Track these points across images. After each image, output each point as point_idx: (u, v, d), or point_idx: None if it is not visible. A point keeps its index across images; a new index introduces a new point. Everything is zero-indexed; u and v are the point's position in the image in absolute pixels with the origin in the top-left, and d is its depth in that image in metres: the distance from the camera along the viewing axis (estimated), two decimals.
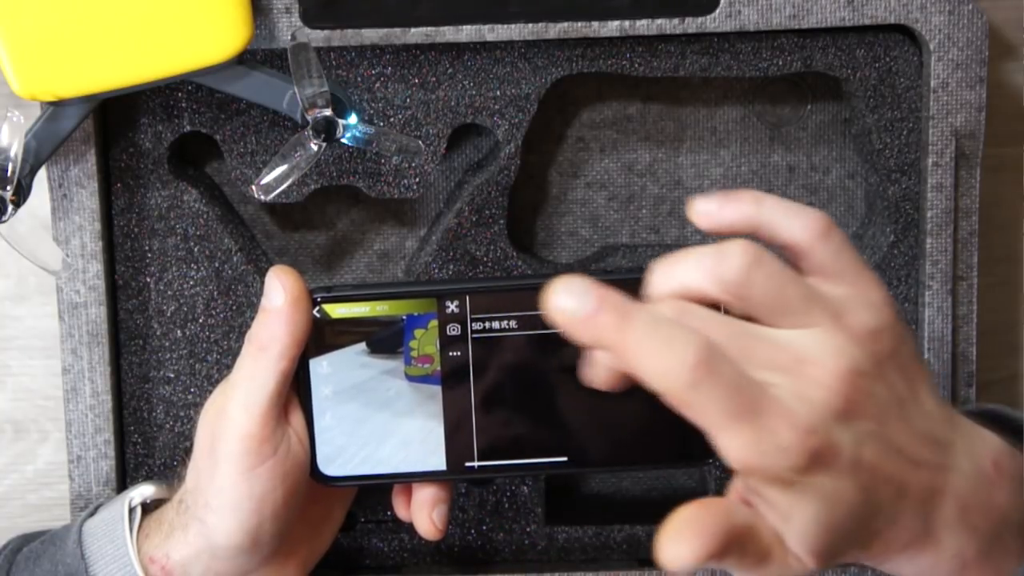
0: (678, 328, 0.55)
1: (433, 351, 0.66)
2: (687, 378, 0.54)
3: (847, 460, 0.56)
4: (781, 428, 0.54)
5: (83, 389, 0.81)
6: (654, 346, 0.55)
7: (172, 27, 0.72)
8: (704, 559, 0.55)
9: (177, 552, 0.69)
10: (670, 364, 0.54)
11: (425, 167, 0.81)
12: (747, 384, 0.55)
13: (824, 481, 0.56)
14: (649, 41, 0.80)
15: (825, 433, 0.55)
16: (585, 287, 0.55)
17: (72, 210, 0.79)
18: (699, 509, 0.56)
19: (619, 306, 0.55)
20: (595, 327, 0.55)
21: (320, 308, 0.67)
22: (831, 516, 0.56)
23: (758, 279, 0.57)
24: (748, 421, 0.54)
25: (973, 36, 0.78)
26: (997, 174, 0.84)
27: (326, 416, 0.67)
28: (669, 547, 0.55)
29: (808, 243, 0.59)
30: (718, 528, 0.56)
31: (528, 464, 0.67)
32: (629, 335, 0.55)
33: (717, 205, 0.60)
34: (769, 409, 0.55)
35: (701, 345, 0.54)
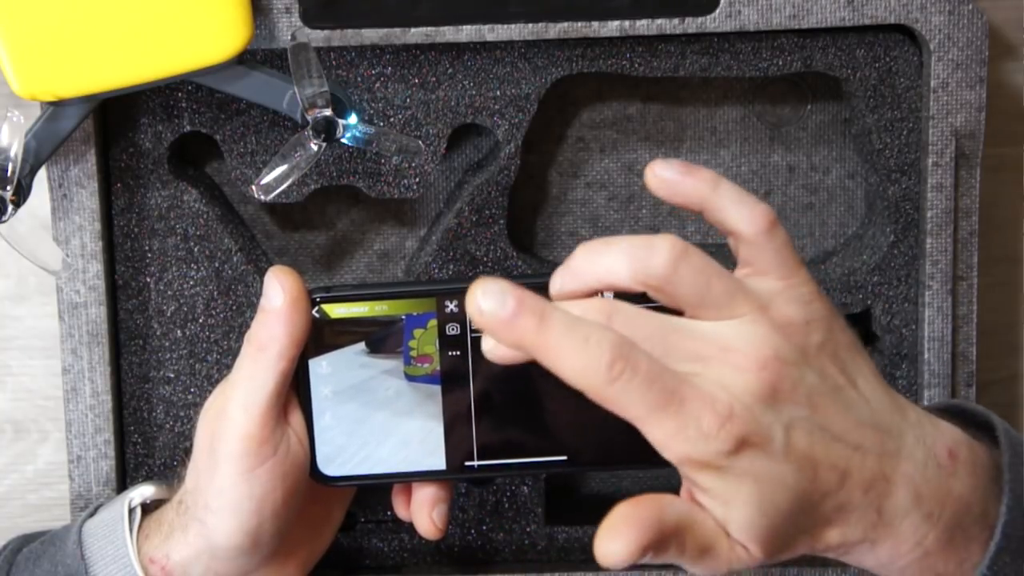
0: (594, 327, 0.56)
1: (432, 351, 0.66)
2: (604, 375, 0.56)
3: (778, 444, 0.57)
4: (703, 414, 0.56)
5: (83, 389, 0.81)
6: (571, 346, 0.56)
7: (172, 27, 0.72)
8: (637, 554, 0.57)
9: (177, 552, 0.69)
10: (587, 363, 0.56)
11: (425, 167, 0.81)
12: (665, 375, 0.56)
13: (757, 465, 0.57)
14: (649, 41, 0.80)
15: (749, 416, 0.56)
16: (503, 289, 0.57)
17: (72, 210, 0.79)
18: (632, 506, 0.58)
19: (537, 308, 0.57)
20: (514, 330, 0.57)
21: (319, 308, 0.67)
22: (769, 502, 0.58)
23: (684, 273, 0.58)
24: (669, 411, 0.56)
25: (973, 36, 0.78)
26: (997, 174, 0.84)
27: (326, 416, 0.67)
28: (602, 543, 0.57)
29: (751, 236, 0.61)
30: (650, 522, 0.57)
31: (527, 463, 0.67)
32: (547, 337, 0.56)
33: (678, 175, 0.61)
34: (690, 397, 0.56)
35: (615, 342, 0.56)
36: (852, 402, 0.60)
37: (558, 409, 0.66)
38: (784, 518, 0.58)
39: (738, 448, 0.56)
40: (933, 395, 0.81)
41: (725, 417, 0.56)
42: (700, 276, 0.58)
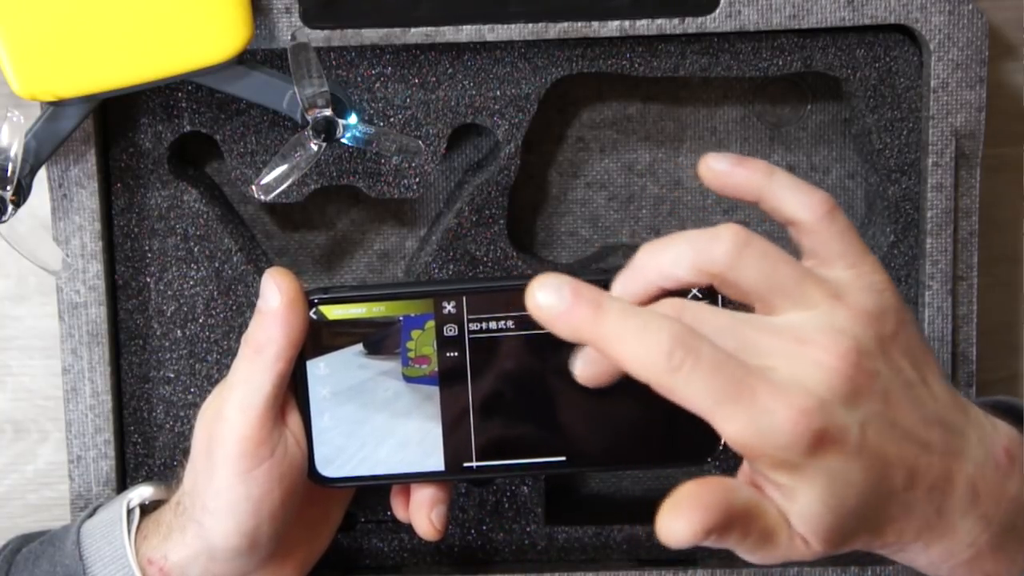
0: (652, 315, 0.56)
1: (430, 352, 0.66)
2: (665, 363, 0.54)
3: (853, 442, 0.55)
4: (778, 408, 0.54)
5: (83, 389, 0.81)
6: (630, 334, 0.55)
7: (172, 27, 0.72)
8: (701, 535, 0.55)
9: (175, 554, 0.69)
10: (646, 351, 0.55)
11: (425, 167, 0.81)
12: (733, 365, 0.55)
13: (830, 463, 0.55)
14: (649, 41, 0.80)
15: (827, 414, 0.55)
16: (560, 282, 0.56)
17: (72, 210, 0.79)
18: (699, 486, 0.56)
19: (593, 298, 0.56)
20: (572, 320, 0.56)
21: (317, 309, 0.67)
22: (838, 499, 0.56)
23: (749, 260, 0.57)
24: (740, 403, 0.54)
25: (973, 36, 0.78)
26: (997, 174, 0.84)
27: (324, 417, 0.67)
28: (666, 522, 0.55)
29: (811, 223, 0.59)
30: (717, 505, 0.55)
31: (526, 464, 0.67)
32: (605, 326, 0.55)
33: (730, 165, 0.60)
34: (763, 390, 0.54)
35: (675, 330, 0.55)
36: (922, 398, 0.58)
37: (557, 409, 0.66)
38: (850, 515, 0.57)
39: (815, 446, 0.55)
40: None
41: (802, 413, 0.54)
42: (765, 262, 0.57)
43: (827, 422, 0.55)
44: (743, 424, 0.54)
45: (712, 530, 0.55)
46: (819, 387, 0.55)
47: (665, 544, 0.55)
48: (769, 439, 0.55)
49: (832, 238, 0.59)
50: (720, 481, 0.57)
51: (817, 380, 0.55)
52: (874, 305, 0.58)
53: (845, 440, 0.55)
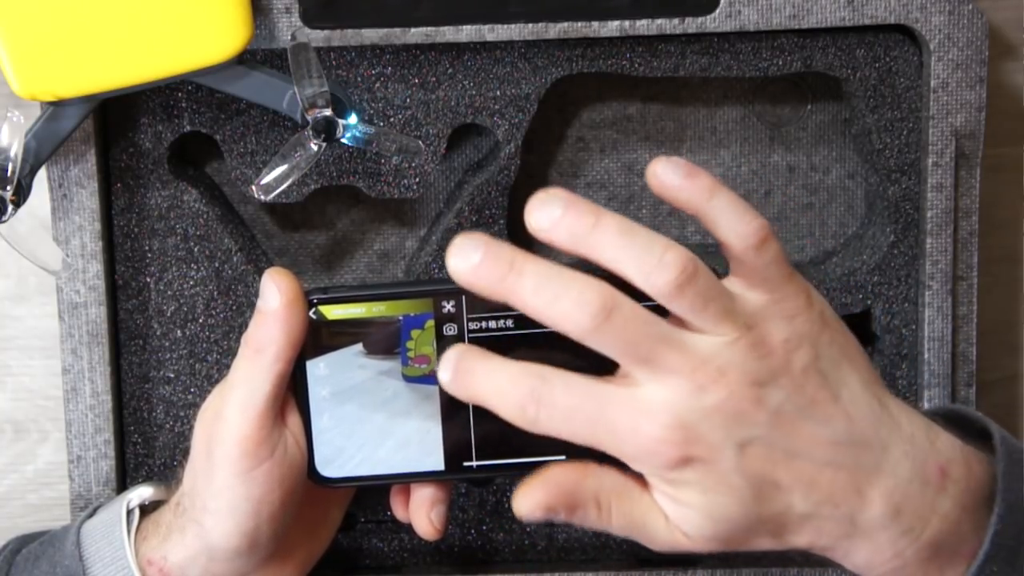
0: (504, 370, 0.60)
1: (430, 351, 0.66)
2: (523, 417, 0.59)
3: (728, 461, 0.58)
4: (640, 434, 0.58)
5: (83, 389, 0.81)
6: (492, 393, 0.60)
7: (172, 27, 0.72)
8: (541, 511, 0.61)
9: (175, 554, 0.69)
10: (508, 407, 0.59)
11: (425, 167, 0.81)
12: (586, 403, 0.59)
13: (703, 478, 0.58)
14: (649, 41, 0.80)
15: (692, 435, 0.58)
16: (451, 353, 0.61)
17: (72, 210, 0.79)
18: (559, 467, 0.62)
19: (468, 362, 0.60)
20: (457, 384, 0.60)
21: (316, 309, 0.67)
22: (718, 509, 0.59)
23: (688, 294, 0.58)
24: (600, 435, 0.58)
25: (973, 36, 0.78)
26: (997, 174, 0.84)
27: (323, 417, 0.67)
28: (516, 497, 0.61)
29: (740, 251, 0.61)
30: (563, 487, 0.61)
31: (526, 463, 0.67)
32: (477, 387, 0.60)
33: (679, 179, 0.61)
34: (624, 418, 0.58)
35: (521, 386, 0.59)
36: (827, 418, 0.60)
37: None
38: (735, 525, 0.60)
39: (680, 463, 0.58)
40: (933, 395, 0.81)
41: (664, 431, 0.57)
42: (699, 299, 0.58)
43: (691, 443, 0.58)
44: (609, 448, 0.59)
45: (553, 508, 0.60)
46: (691, 409, 0.58)
47: (516, 515, 0.61)
48: (635, 459, 0.59)
49: (758, 268, 0.61)
50: (583, 465, 0.62)
51: (692, 402, 0.58)
52: (780, 333, 0.60)
53: (716, 459, 0.58)
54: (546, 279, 0.58)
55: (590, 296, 0.57)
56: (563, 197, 0.58)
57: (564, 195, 0.58)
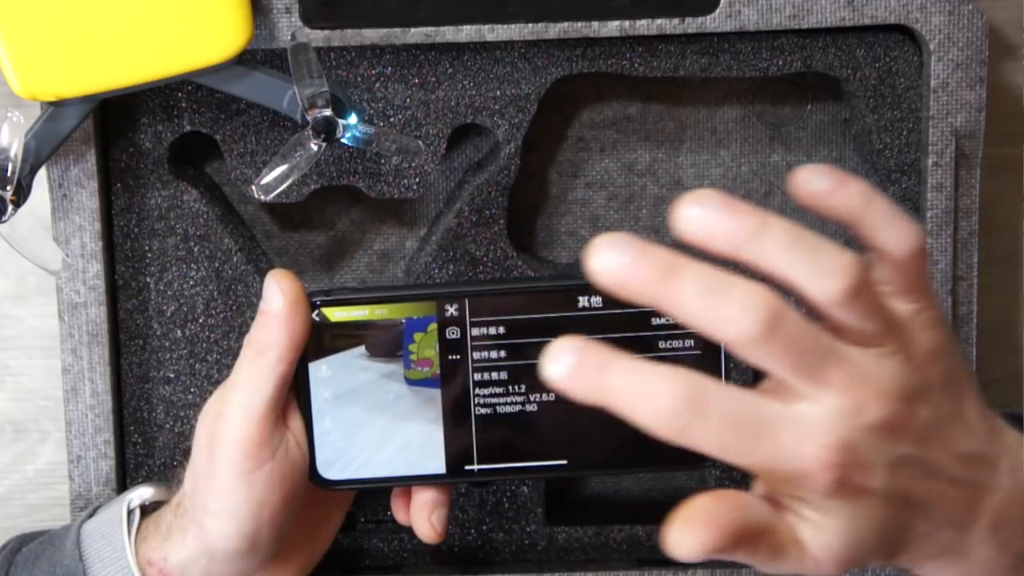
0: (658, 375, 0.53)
1: (432, 354, 0.66)
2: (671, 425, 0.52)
3: (879, 486, 0.55)
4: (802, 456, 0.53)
5: (83, 389, 0.81)
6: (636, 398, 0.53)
7: (172, 27, 0.72)
8: (708, 552, 0.54)
9: (175, 555, 0.69)
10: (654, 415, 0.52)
11: (425, 167, 0.81)
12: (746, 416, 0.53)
13: (853, 503, 0.55)
14: (649, 41, 0.80)
15: (855, 457, 0.54)
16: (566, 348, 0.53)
17: (72, 210, 0.79)
18: (713, 501, 0.55)
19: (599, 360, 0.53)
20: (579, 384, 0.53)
21: (319, 311, 0.67)
22: (858, 533, 0.56)
23: (861, 303, 0.55)
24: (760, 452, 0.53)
25: (973, 36, 0.78)
26: (997, 174, 0.84)
27: (325, 420, 0.68)
28: (676, 535, 0.54)
29: (901, 259, 0.57)
30: (728, 524, 0.54)
31: (527, 468, 0.67)
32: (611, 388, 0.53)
33: (830, 186, 0.57)
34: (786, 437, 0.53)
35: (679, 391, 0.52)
36: (956, 435, 0.58)
37: (558, 413, 0.66)
38: (867, 547, 0.56)
39: (838, 488, 0.54)
40: None
41: (827, 458, 0.53)
42: (869, 309, 0.55)
43: (853, 465, 0.54)
44: (763, 467, 0.54)
45: (720, 549, 0.54)
46: (849, 432, 0.54)
47: (672, 556, 0.54)
48: (790, 481, 0.54)
49: (912, 275, 0.58)
50: (736, 497, 0.56)
51: (848, 425, 0.54)
52: (928, 344, 0.57)
53: (871, 484, 0.55)
54: (708, 282, 0.52)
55: (758, 301, 0.52)
56: (719, 198, 0.53)
57: (720, 196, 0.53)
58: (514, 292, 0.66)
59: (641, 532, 0.83)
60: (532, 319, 0.65)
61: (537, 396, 0.66)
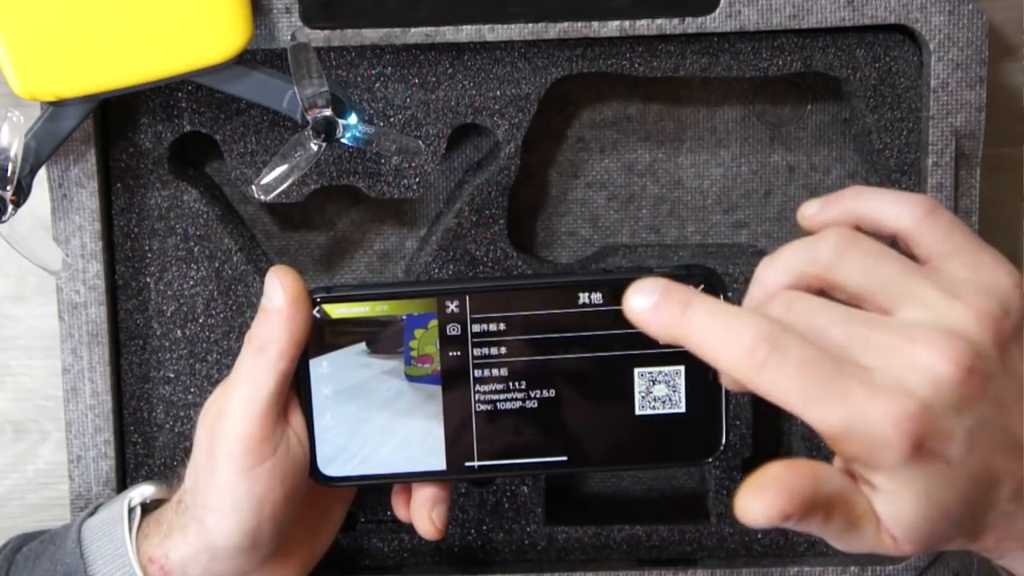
0: (740, 313, 0.55)
1: (433, 351, 0.66)
2: (748, 361, 0.53)
3: (957, 451, 0.54)
4: (876, 411, 0.53)
5: (83, 389, 0.81)
6: (716, 332, 0.55)
7: (172, 27, 0.72)
8: (778, 519, 0.54)
9: (176, 552, 0.69)
10: (731, 349, 0.54)
11: (425, 167, 0.81)
12: (827, 363, 0.53)
13: (929, 471, 0.54)
14: (649, 41, 0.80)
15: (931, 421, 0.53)
16: (654, 285, 0.56)
17: (72, 210, 0.79)
18: (787, 468, 0.55)
19: (682, 298, 0.56)
20: (661, 319, 0.56)
21: (320, 308, 0.67)
22: (935, 508, 0.54)
23: (852, 258, 0.56)
24: (831, 403, 0.53)
25: (973, 36, 0.78)
26: (997, 174, 0.84)
27: (326, 416, 0.67)
28: (747, 500, 0.54)
29: (912, 226, 0.58)
30: (800, 492, 0.54)
31: (528, 464, 0.67)
32: (691, 324, 0.55)
33: (820, 206, 0.60)
34: (860, 391, 0.53)
35: (760, 326, 0.54)
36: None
37: (559, 409, 0.66)
38: (947, 522, 0.55)
39: (914, 453, 0.53)
40: None
41: (903, 418, 0.52)
42: (869, 260, 0.56)
43: (929, 429, 0.53)
44: (836, 425, 0.53)
45: (791, 516, 0.54)
46: (925, 392, 0.53)
47: (742, 521, 0.54)
48: (863, 441, 0.53)
49: (938, 238, 0.57)
50: (810, 466, 0.56)
51: (924, 384, 0.53)
52: (993, 304, 0.55)
53: (948, 449, 0.54)
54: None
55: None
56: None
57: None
58: (515, 288, 0.66)
59: (641, 532, 0.83)
60: (533, 315, 0.65)
61: (538, 392, 0.66)
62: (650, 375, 0.66)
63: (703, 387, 0.66)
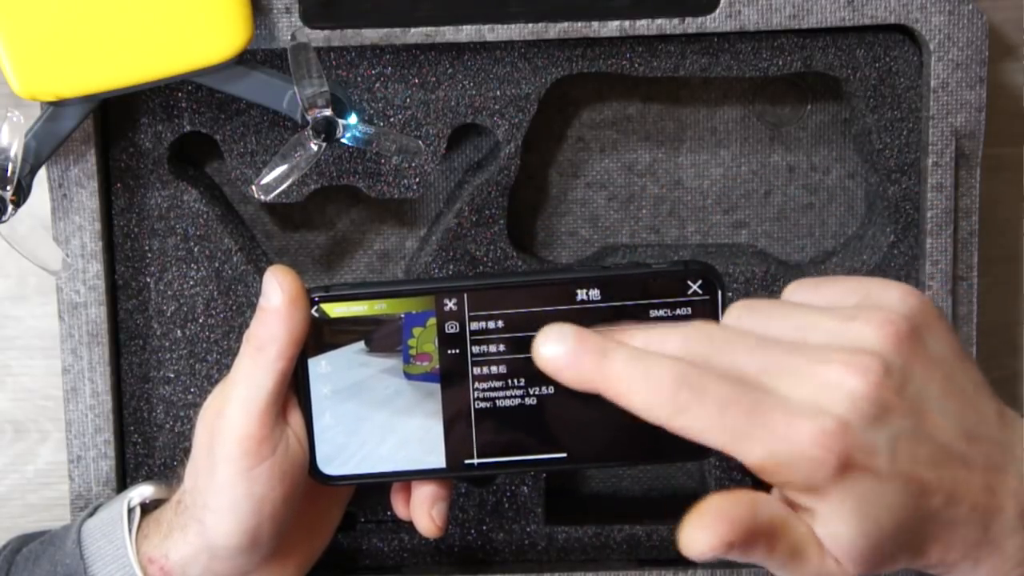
0: (656, 359, 0.55)
1: (432, 349, 0.66)
2: (670, 406, 0.54)
3: (883, 463, 0.54)
4: (797, 435, 0.53)
5: (83, 389, 0.81)
6: (635, 380, 0.55)
7: (172, 27, 0.72)
8: (722, 548, 0.54)
9: (176, 552, 0.69)
10: (651, 395, 0.55)
11: (425, 167, 0.81)
12: (745, 398, 0.54)
13: (858, 487, 0.54)
14: (649, 41, 0.80)
15: (851, 436, 0.53)
16: (564, 332, 0.57)
17: (72, 210, 0.79)
18: (725, 499, 0.55)
19: (598, 347, 0.56)
20: (578, 368, 0.56)
21: (318, 307, 0.67)
22: (871, 523, 0.55)
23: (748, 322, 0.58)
24: (754, 435, 0.54)
25: (973, 36, 0.78)
26: (997, 174, 0.84)
27: (325, 415, 0.67)
28: (689, 532, 0.54)
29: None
30: (741, 520, 0.54)
31: (527, 461, 0.67)
32: (610, 372, 0.56)
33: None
34: (780, 418, 0.54)
35: (678, 370, 0.55)
36: (959, 410, 0.57)
37: (558, 407, 0.66)
38: (886, 538, 0.55)
39: (840, 470, 0.53)
40: None
41: (823, 436, 0.53)
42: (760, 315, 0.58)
43: (852, 443, 0.53)
44: (761, 454, 0.54)
45: (734, 544, 0.54)
46: (841, 408, 0.54)
47: (686, 555, 0.54)
48: (790, 466, 0.54)
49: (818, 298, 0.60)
50: (748, 495, 0.56)
51: (839, 401, 0.54)
52: (891, 314, 0.56)
53: (873, 462, 0.54)
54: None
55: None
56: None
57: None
58: (513, 286, 0.66)
59: (641, 532, 0.83)
60: (531, 312, 0.65)
61: (537, 389, 0.66)
62: None
63: None
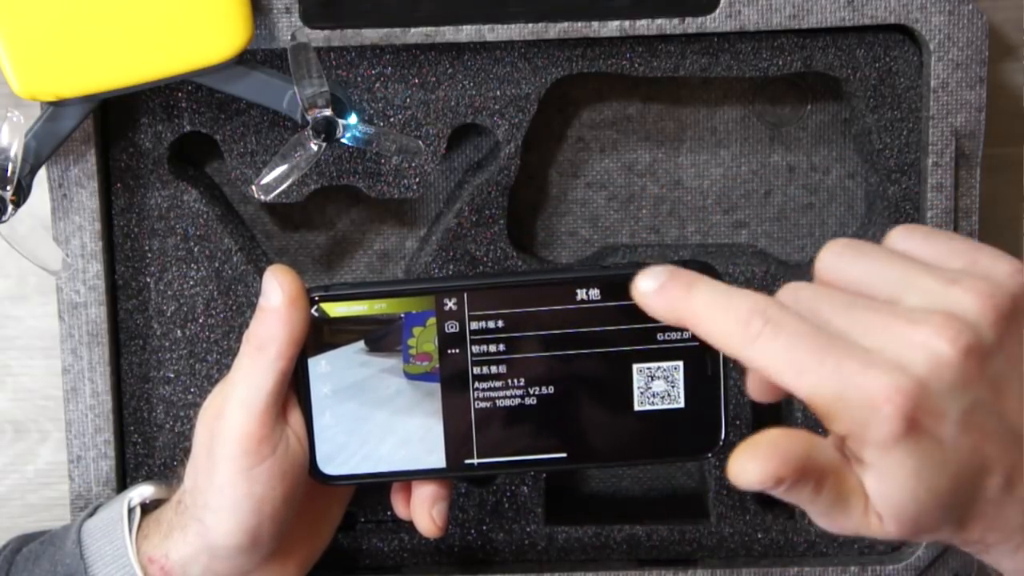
0: (739, 292, 0.56)
1: (432, 349, 0.66)
2: (742, 333, 0.55)
3: (950, 431, 0.53)
4: (868, 386, 0.52)
5: (83, 389, 0.81)
6: (714, 308, 0.56)
7: (172, 27, 0.72)
8: (771, 482, 0.54)
9: (176, 552, 0.69)
10: (727, 321, 0.56)
11: (425, 167, 0.81)
12: (820, 336, 0.54)
13: (922, 448, 0.53)
14: (649, 41, 0.80)
15: (923, 396, 0.52)
16: (661, 268, 0.59)
17: (72, 210, 0.79)
18: (783, 433, 0.55)
19: (687, 280, 0.58)
20: (665, 298, 0.58)
21: (318, 307, 0.67)
22: (926, 486, 0.54)
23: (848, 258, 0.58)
24: (822, 374, 0.53)
25: (973, 36, 0.78)
26: (997, 174, 0.84)
27: (325, 415, 0.67)
28: (741, 461, 0.54)
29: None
30: (795, 456, 0.54)
31: (527, 461, 0.67)
32: (693, 303, 0.57)
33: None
34: (854, 364, 0.53)
35: (756, 301, 0.55)
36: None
37: (558, 406, 0.66)
38: (936, 507, 0.54)
39: (906, 429, 0.52)
40: None
41: (896, 392, 0.52)
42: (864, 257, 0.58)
43: (923, 406, 0.53)
44: (826, 392, 0.53)
45: (783, 480, 0.54)
46: (921, 369, 0.53)
47: (733, 483, 0.54)
48: (855, 414, 0.53)
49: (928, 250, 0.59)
50: (804, 434, 0.56)
51: (920, 362, 0.53)
52: (994, 287, 0.55)
53: (941, 428, 0.53)
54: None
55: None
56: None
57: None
58: (513, 285, 0.66)
59: (641, 532, 0.83)
60: (531, 312, 0.65)
61: (537, 389, 0.66)
62: (648, 370, 0.66)
63: (702, 382, 0.66)
